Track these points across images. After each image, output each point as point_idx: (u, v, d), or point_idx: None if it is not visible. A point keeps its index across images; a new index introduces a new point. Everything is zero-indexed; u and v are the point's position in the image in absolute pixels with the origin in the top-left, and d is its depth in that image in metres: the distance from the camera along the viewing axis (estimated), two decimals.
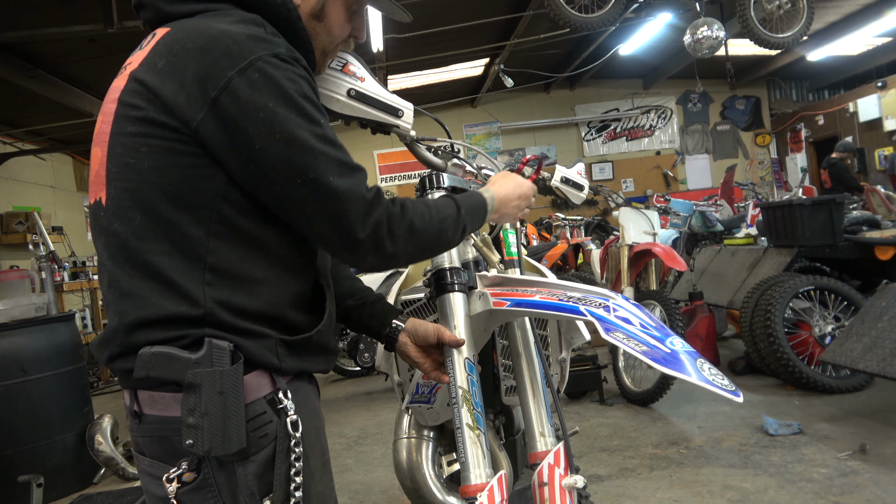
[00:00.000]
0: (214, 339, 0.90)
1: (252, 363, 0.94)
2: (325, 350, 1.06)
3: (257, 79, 0.89)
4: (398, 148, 12.19)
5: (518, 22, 8.21)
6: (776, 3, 5.98)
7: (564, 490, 1.11)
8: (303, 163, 0.90)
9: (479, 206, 1.14)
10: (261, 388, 0.95)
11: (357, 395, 5.05)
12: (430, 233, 1.02)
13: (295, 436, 0.96)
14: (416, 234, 1.00)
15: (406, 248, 1.00)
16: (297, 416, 0.97)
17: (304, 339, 0.99)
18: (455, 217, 1.07)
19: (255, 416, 0.93)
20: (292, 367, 0.98)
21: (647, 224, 4.56)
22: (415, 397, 1.50)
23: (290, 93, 0.90)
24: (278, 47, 0.93)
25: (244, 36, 0.91)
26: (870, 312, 3.22)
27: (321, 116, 0.94)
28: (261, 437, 0.93)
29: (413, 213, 1.00)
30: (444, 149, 1.37)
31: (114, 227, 0.92)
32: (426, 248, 1.05)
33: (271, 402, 0.95)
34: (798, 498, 2.48)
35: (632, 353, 1.07)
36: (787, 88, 13.55)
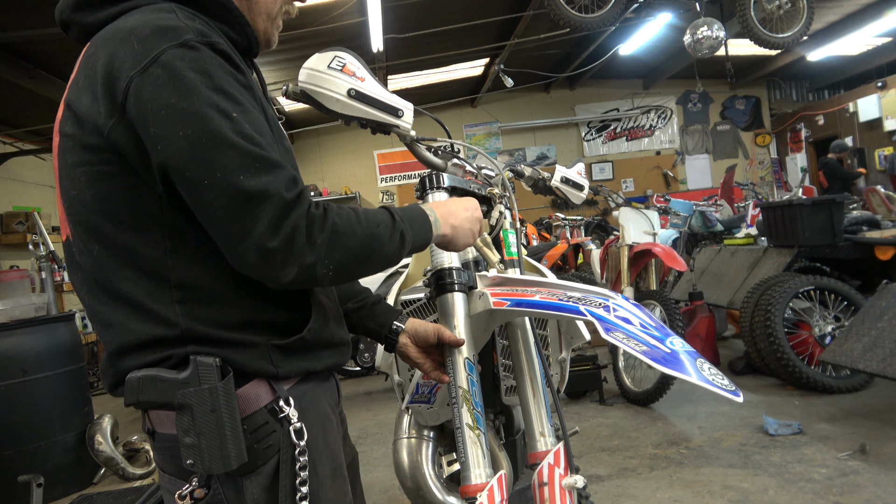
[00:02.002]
0: (200, 357, 0.87)
1: (246, 374, 0.91)
2: (329, 344, 1.01)
3: (160, 75, 0.82)
4: (398, 148, 12.19)
5: (518, 22, 8.21)
6: (776, 3, 5.98)
7: (564, 490, 1.11)
8: (208, 161, 0.81)
9: (418, 216, 1.01)
10: (260, 398, 0.92)
11: (357, 395, 5.05)
12: (358, 237, 0.88)
13: (299, 444, 0.92)
14: (341, 239, 0.87)
15: (330, 255, 0.85)
16: (302, 422, 0.93)
17: (298, 339, 0.95)
18: (389, 223, 0.94)
19: (257, 428, 0.91)
20: (292, 370, 0.95)
21: (647, 224, 4.56)
22: (415, 397, 1.50)
23: (194, 85, 0.82)
24: (186, 33, 0.84)
25: (150, 30, 0.84)
26: (870, 312, 3.22)
27: (234, 107, 0.84)
28: (266, 449, 0.91)
29: (336, 215, 0.88)
30: (444, 149, 1.37)
31: (82, 261, 0.92)
32: (356, 257, 0.89)
33: (272, 412, 0.92)
34: (798, 498, 2.48)
35: (632, 353, 1.07)
36: (787, 88, 13.55)
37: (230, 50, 0.89)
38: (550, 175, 1.67)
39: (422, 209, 1.04)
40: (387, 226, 0.93)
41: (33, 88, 6.04)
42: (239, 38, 0.99)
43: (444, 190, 1.23)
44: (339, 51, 1.15)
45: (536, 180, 1.70)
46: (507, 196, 1.37)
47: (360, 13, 6.75)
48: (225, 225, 0.82)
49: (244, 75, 0.89)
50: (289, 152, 0.99)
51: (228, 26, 0.97)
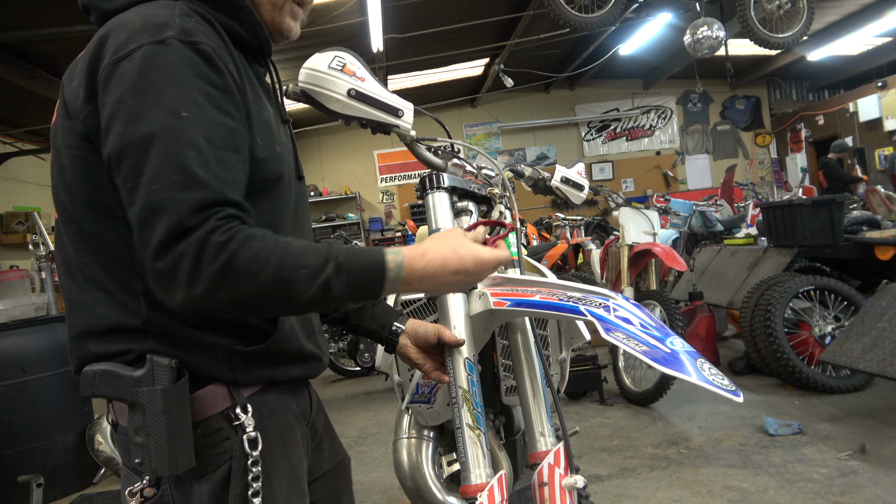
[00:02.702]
0: (156, 356, 0.86)
1: (206, 377, 0.89)
2: (298, 357, 1.00)
3: (127, 68, 0.81)
4: (398, 148, 12.20)
5: (518, 22, 8.21)
6: (776, 3, 5.98)
7: (564, 490, 1.11)
8: (135, 163, 0.79)
9: (368, 268, 0.86)
10: (217, 402, 0.90)
11: (357, 395, 5.05)
12: (263, 278, 0.79)
13: (252, 454, 0.90)
14: (237, 276, 0.78)
15: (221, 289, 0.78)
16: (259, 432, 0.91)
17: (262, 349, 0.92)
18: (317, 269, 0.82)
19: (211, 433, 0.89)
20: (253, 379, 0.93)
21: (647, 224, 4.56)
22: (415, 397, 1.50)
23: (153, 83, 0.80)
24: (168, 31, 0.83)
25: (141, 24, 0.84)
26: (870, 312, 3.22)
27: (188, 110, 0.81)
28: (218, 455, 0.89)
29: (245, 249, 0.79)
30: (444, 149, 1.37)
31: (61, 240, 0.93)
32: (256, 298, 0.80)
33: (228, 418, 0.90)
34: (798, 498, 2.48)
35: (632, 353, 1.07)
36: (787, 88, 13.55)
37: (214, 51, 0.86)
38: (550, 175, 1.67)
39: (381, 263, 0.87)
40: (310, 272, 0.81)
41: (33, 88, 6.05)
42: (249, 35, 0.98)
43: (444, 190, 1.23)
44: (339, 51, 1.15)
45: (536, 180, 1.70)
46: (507, 196, 1.37)
47: (360, 13, 6.76)
48: (136, 230, 0.80)
49: (222, 77, 0.86)
50: (277, 157, 0.97)
51: (238, 23, 0.96)
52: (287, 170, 1.00)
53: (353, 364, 5.36)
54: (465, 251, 0.93)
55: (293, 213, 1.03)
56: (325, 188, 12.28)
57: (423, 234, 1.66)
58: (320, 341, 1.10)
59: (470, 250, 0.93)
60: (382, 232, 12.40)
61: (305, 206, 1.12)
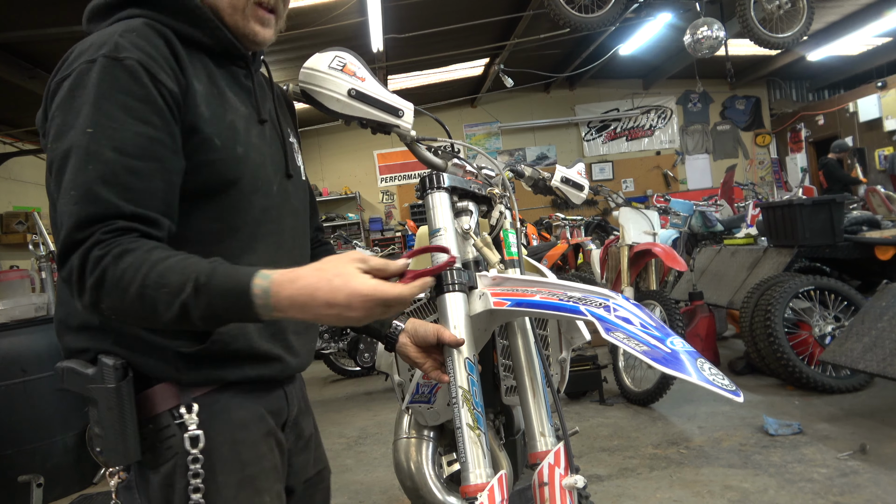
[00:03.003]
0: (105, 356, 0.92)
1: (153, 377, 0.95)
2: (251, 357, 1.00)
3: (63, 87, 0.89)
4: (398, 148, 12.20)
5: (518, 22, 8.22)
6: (776, 3, 5.98)
7: (564, 490, 1.11)
8: (55, 178, 0.87)
9: (230, 292, 0.82)
10: (165, 400, 0.95)
11: (357, 395, 5.05)
12: (129, 296, 0.82)
13: (191, 451, 0.94)
14: (109, 291, 0.82)
15: (101, 301, 0.83)
16: (203, 430, 0.95)
17: (203, 349, 0.95)
18: (176, 289, 0.81)
19: (161, 429, 0.95)
20: (197, 379, 0.96)
21: (647, 224, 4.56)
22: (415, 397, 1.50)
23: (75, 101, 0.87)
24: (102, 49, 0.89)
25: (89, 44, 0.91)
26: (870, 312, 3.22)
27: (100, 124, 0.85)
28: (166, 450, 0.95)
29: (114, 266, 0.82)
30: (444, 149, 1.37)
31: None
32: (127, 313, 0.84)
33: (174, 416, 0.95)
34: (798, 498, 2.48)
35: (632, 353, 1.07)
36: (787, 88, 13.56)
37: (141, 63, 0.89)
38: (550, 175, 1.67)
39: (246, 286, 0.82)
40: (170, 292, 0.81)
41: (33, 88, 6.05)
42: (210, 40, 1.00)
43: (444, 190, 1.23)
44: (339, 51, 1.15)
45: (536, 180, 1.70)
46: (507, 196, 1.37)
47: (360, 13, 6.76)
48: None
49: (145, 89, 0.88)
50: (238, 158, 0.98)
51: (199, 29, 0.99)
52: (252, 170, 1.01)
53: (353, 364, 5.36)
54: (341, 282, 0.82)
55: (265, 214, 1.04)
56: (325, 188, 12.28)
57: (424, 234, 1.66)
58: (293, 341, 1.08)
59: (347, 282, 0.82)
60: (382, 232, 12.40)
61: (291, 206, 1.11)
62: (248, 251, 1.01)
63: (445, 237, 1.17)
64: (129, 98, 0.87)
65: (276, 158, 1.09)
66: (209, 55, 1.02)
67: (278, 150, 1.10)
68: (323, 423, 4.31)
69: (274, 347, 1.04)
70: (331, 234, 11.32)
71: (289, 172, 1.11)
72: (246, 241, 1.01)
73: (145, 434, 0.95)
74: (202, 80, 0.97)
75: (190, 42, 0.98)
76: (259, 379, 1.02)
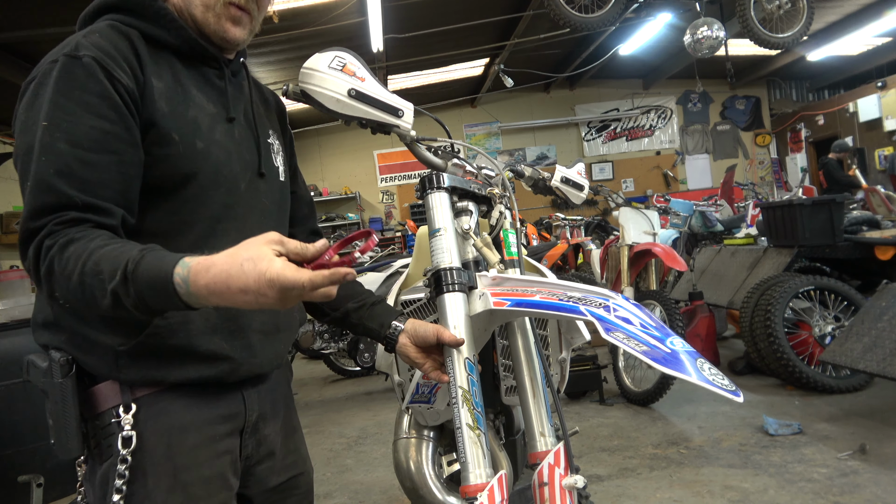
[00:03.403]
0: (54, 351, 0.97)
1: (96, 374, 0.97)
2: (192, 356, 0.98)
3: (31, 87, 0.93)
4: (398, 148, 12.20)
5: (518, 22, 8.22)
6: (776, 3, 5.98)
7: (564, 490, 1.11)
8: (21, 172, 0.91)
9: (154, 280, 0.79)
10: (108, 398, 0.97)
11: (357, 395, 5.05)
12: (72, 283, 0.83)
13: (121, 452, 0.95)
14: (56, 279, 0.85)
15: (54, 288, 0.86)
16: (137, 431, 0.96)
17: (138, 344, 0.95)
18: (108, 277, 0.81)
19: (104, 426, 0.97)
20: (135, 378, 0.97)
21: (647, 224, 4.56)
22: (415, 397, 1.50)
23: (37, 99, 0.91)
24: (66, 49, 0.93)
25: (58, 48, 0.95)
26: (870, 312, 3.22)
27: (55, 119, 0.89)
28: (107, 448, 0.97)
29: (59, 256, 0.84)
30: (444, 149, 1.37)
31: None
32: (77, 300, 0.85)
33: (114, 415, 0.97)
34: (798, 498, 2.48)
35: (632, 353, 1.07)
36: (787, 88, 13.56)
37: (98, 61, 0.92)
38: (550, 175, 1.67)
39: (167, 274, 0.79)
40: (103, 280, 0.81)
41: None
42: (176, 40, 1.03)
43: (444, 190, 1.23)
44: (339, 51, 1.15)
45: (536, 180, 1.70)
46: (507, 196, 1.37)
47: (360, 13, 6.76)
48: None
49: (101, 85, 0.91)
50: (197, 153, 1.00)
51: (164, 30, 1.01)
52: (213, 166, 1.02)
53: (353, 364, 5.36)
54: (251, 266, 0.77)
55: (228, 211, 1.04)
56: (325, 188, 12.28)
57: (424, 233, 1.66)
58: (256, 341, 1.06)
59: (255, 265, 0.76)
60: (382, 232, 12.40)
61: (260, 205, 1.11)
62: (204, 247, 0.97)
63: (445, 237, 1.17)
64: (84, 93, 0.90)
65: (245, 157, 1.09)
66: (177, 55, 1.04)
67: (250, 149, 1.11)
68: (323, 423, 4.31)
69: (224, 347, 1.01)
70: (331, 234, 11.35)
71: (261, 171, 1.11)
72: (203, 237, 1.01)
73: (93, 430, 0.98)
74: (164, 78, 1.00)
75: (157, 42, 1.02)
76: (203, 381, 1.00)
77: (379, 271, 4.75)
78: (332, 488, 3.10)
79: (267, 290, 0.76)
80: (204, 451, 1.00)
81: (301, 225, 1.31)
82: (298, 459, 1.22)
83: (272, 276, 0.76)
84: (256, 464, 1.12)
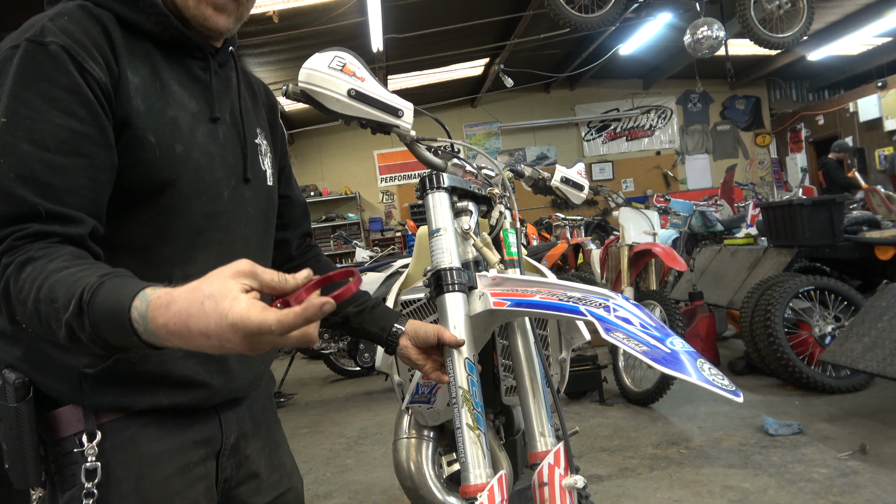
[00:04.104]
0: (8, 371, 0.86)
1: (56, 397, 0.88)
2: (165, 381, 0.90)
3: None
4: (398, 148, 12.19)
5: (518, 22, 8.22)
6: (776, 3, 5.98)
7: (564, 490, 1.11)
8: None
9: (111, 314, 0.68)
10: (70, 424, 0.87)
11: (357, 395, 5.05)
12: (27, 309, 0.73)
13: (86, 485, 0.85)
14: (12, 302, 0.75)
15: (13, 312, 0.75)
16: (103, 462, 0.86)
17: (104, 369, 0.85)
18: (63, 306, 0.70)
19: (66, 454, 0.87)
20: (103, 404, 0.87)
21: (647, 224, 4.56)
22: (415, 397, 1.50)
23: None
24: (29, 32, 0.82)
25: (21, 29, 0.84)
26: (870, 312, 3.22)
27: (16, 115, 0.78)
28: (70, 477, 0.87)
29: (16, 275, 0.74)
30: (444, 149, 1.37)
31: None
32: (35, 328, 0.74)
33: (78, 443, 0.87)
34: (798, 498, 2.48)
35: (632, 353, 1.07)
36: (787, 88, 13.56)
37: (66, 49, 0.81)
38: (550, 175, 1.67)
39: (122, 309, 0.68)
40: (57, 309, 0.71)
41: None
42: (156, 28, 0.92)
43: (444, 190, 1.23)
44: (339, 51, 1.15)
45: (536, 180, 1.70)
46: (507, 196, 1.37)
47: (360, 13, 6.76)
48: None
49: (70, 78, 0.81)
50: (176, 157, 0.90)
51: (143, 15, 0.90)
52: (194, 172, 0.92)
53: (353, 364, 5.36)
54: (211, 306, 0.63)
55: (210, 222, 0.95)
56: (325, 188, 12.28)
57: (424, 234, 1.66)
58: (233, 363, 0.98)
59: (216, 305, 0.63)
60: (382, 232, 12.40)
61: (245, 213, 1.02)
62: (184, 261, 0.92)
63: (445, 237, 1.17)
64: (51, 87, 0.79)
65: (230, 160, 0.99)
66: (156, 44, 0.93)
67: (235, 152, 1.01)
68: (323, 423, 4.31)
69: (200, 372, 0.93)
70: (331, 234, 11.35)
71: (246, 176, 1.02)
72: (182, 251, 0.92)
73: (54, 457, 0.88)
74: (140, 71, 0.89)
75: (134, 28, 0.90)
76: (177, 408, 0.92)
77: (379, 271, 4.75)
78: (332, 488, 3.10)
79: (230, 335, 0.63)
80: (176, 482, 0.92)
81: (295, 228, 1.25)
82: (284, 475, 1.14)
83: (234, 320, 0.62)
84: (237, 486, 1.04)
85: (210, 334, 0.64)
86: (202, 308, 0.64)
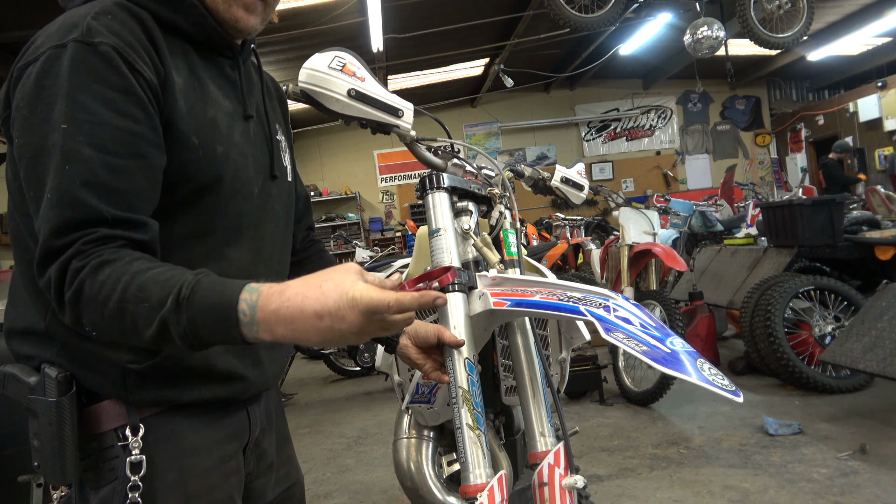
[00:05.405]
0: (49, 367, 0.86)
1: (97, 393, 0.88)
2: (208, 375, 0.92)
3: (29, 74, 0.80)
4: (398, 148, 12.20)
5: (518, 22, 8.22)
6: (776, 3, 5.98)
7: (564, 490, 1.11)
8: (27, 174, 0.79)
9: (216, 308, 0.73)
10: (111, 418, 0.88)
11: (357, 395, 5.05)
12: (108, 309, 0.74)
13: (131, 478, 0.86)
14: (87, 305, 0.75)
15: (82, 315, 0.76)
16: (147, 455, 0.87)
17: (153, 366, 0.86)
18: (157, 304, 0.73)
19: (104, 448, 0.88)
20: (146, 398, 0.88)
21: (647, 224, 4.56)
22: (415, 397, 1.50)
23: (45, 92, 0.78)
24: (73, 33, 0.80)
25: (58, 27, 0.82)
26: (870, 312, 3.22)
27: (73, 119, 0.77)
28: (109, 471, 0.88)
29: (92, 278, 0.75)
30: (444, 149, 1.37)
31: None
32: (109, 329, 0.77)
33: (119, 437, 0.88)
34: (798, 498, 2.48)
35: (632, 353, 1.07)
36: (787, 88, 13.56)
37: (117, 49, 0.81)
38: (550, 175, 1.67)
39: (232, 302, 0.73)
40: (151, 307, 0.73)
41: None
42: (193, 28, 0.92)
43: (444, 190, 1.23)
44: (339, 51, 1.15)
45: (536, 180, 1.70)
46: (507, 196, 1.37)
47: (360, 13, 6.76)
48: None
49: (123, 78, 0.81)
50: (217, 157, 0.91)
51: (181, 15, 0.90)
52: (233, 172, 0.94)
53: (353, 364, 5.36)
54: (331, 287, 0.71)
55: (243, 219, 0.97)
56: (325, 188, 12.28)
57: (424, 234, 1.66)
58: (264, 356, 1.01)
59: (338, 285, 0.71)
60: (382, 232, 12.41)
61: (273, 210, 1.04)
62: (218, 258, 0.93)
63: (445, 237, 1.17)
64: (105, 88, 0.79)
65: (259, 158, 1.01)
66: (190, 43, 0.93)
67: (263, 150, 1.03)
68: (323, 423, 4.31)
69: (238, 366, 0.96)
70: (331, 234, 11.35)
71: (273, 173, 1.04)
72: (218, 248, 0.94)
73: (88, 452, 0.88)
74: (182, 71, 0.89)
75: (169, 28, 0.90)
76: (216, 401, 0.94)
77: (379, 271, 4.75)
78: (332, 488, 3.10)
79: (346, 313, 0.70)
80: (215, 474, 0.94)
81: (299, 222, 1.26)
82: (291, 470, 1.17)
83: (355, 295, 0.70)
84: (256, 478, 1.06)
85: (324, 314, 0.70)
86: (320, 289, 0.71)
